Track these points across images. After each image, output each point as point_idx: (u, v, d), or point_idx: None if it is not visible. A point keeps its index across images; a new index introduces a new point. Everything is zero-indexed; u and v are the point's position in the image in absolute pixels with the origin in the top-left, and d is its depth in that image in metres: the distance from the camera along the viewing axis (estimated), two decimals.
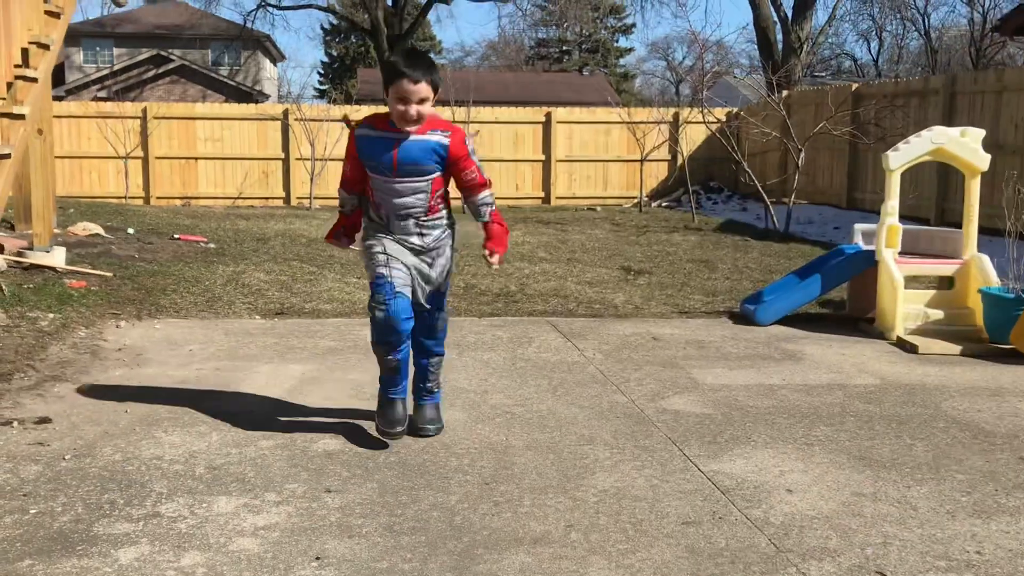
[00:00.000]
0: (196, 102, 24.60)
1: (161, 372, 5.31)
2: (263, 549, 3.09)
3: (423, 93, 3.69)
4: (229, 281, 8.22)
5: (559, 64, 57.09)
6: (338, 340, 6.24)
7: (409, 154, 3.83)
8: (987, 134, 7.18)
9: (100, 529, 3.21)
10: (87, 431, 4.25)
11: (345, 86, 39.05)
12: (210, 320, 6.81)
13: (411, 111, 3.71)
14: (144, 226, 11.76)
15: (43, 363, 5.35)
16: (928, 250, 7.23)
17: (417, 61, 3.72)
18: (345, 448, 4.09)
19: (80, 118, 18.44)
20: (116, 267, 8.27)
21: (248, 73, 42.52)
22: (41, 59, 7.00)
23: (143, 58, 36.56)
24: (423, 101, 3.71)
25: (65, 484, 3.62)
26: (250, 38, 38.02)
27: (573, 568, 3.00)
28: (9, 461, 3.84)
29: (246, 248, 10.55)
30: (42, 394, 4.80)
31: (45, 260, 7.74)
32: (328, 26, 52.02)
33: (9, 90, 6.25)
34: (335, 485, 3.65)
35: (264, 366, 5.49)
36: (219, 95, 35.20)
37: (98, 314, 6.65)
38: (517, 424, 4.46)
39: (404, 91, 3.67)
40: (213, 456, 3.96)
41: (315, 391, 5.00)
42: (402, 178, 3.83)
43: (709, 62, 22.76)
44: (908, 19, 39.38)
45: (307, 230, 12.77)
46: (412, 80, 3.66)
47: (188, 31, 38.68)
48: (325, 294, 7.89)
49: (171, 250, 9.89)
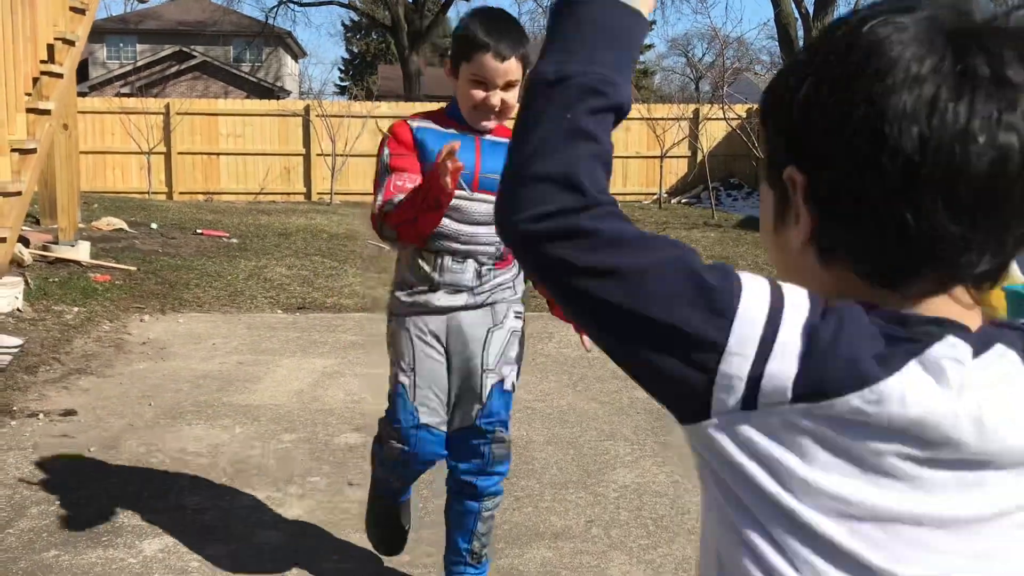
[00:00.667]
0: (218, 98, 24.74)
1: (184, 366, 5.35)
2: (286, 542, 3.11)
3: (512, 74, 2.50)
4: (251, 276, 8.27)
5: None
6: (359, 334, 6.26)
7: (498, 161, 2.40)
8: None
9: (125, 520, 3.25)
10: (112, 424, 4.29)
11: (366, 83, 39.14)
12: (232, 314, 6.85)
13: (493, 99, 2.50)
14: (167, 221, 11.84)
15: (68, 356, 5.40)
16: None
17: (505, 29, 2.53)
18: (366, 442, 4.10)
19: (104, 114, 18.56)
20: (140, 262, 8.34)
21: (269, 69, 42.71)
22: (66, 55, 7.05)
23: (166, 54, 36.79)
24: (510, 86, 2.51)
25: (90, 476, 3.65)
26: (271, 34, 38.16)
27: (594, 563, 3.00)
28: (35, 452, 3.88)
29: (268, 243, 10.60)
30: (67, 387, 4.85)
31: (70, 254, 7.81)
32: (349, 22, 52.18)
33: (35, 86, 6.31)
34: (357, 479, 3.66)
35: (286, 360, 5.52)
36: (241, 91, 35.37)
37: (122, 308, 6.71)
38: (538, 419, 4.47)
39: (486, 71, 2.48)
40: (236, 449, 3.99)
41: (336, 385, 5.03)
42: (485, 193, 2.52)
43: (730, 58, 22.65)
44: None
45: (328, 225, 12.81)
46: (498, 55, 2.48)
47: (210, 28, 38.89)
48: (347, 289, 7.92)
49: (194, 245, 9.96)
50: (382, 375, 5.20)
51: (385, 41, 46.11)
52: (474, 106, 2.51)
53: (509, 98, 2.51)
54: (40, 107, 6.16)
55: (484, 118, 2.53)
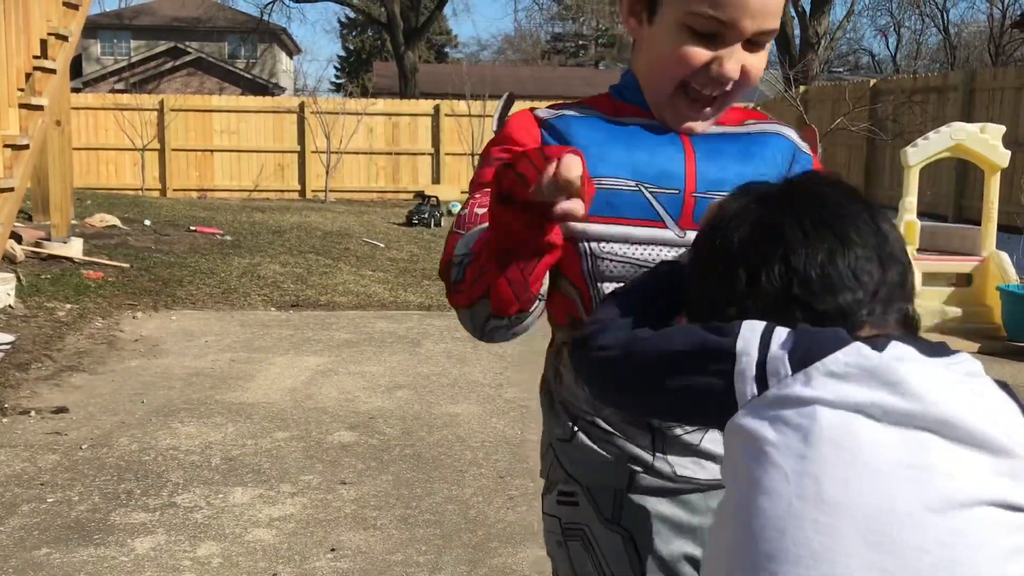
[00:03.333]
0: (212, 94, 24.68)
1: (177, 363, 5.33)
2: (278, 540, 3.10)
3: (771, 16, 1.19)
4: (245, 273, 8.24)
5: (575, 59, 57.00)
6: (353, 332, 6.25)
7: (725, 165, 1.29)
8: (1007, 131, 7.12)
9: (117, 518, 3.23)
10: (104, 421, 4.27)
11: (361, 80, 39.07)
12: (226, 312, 6.83)
13: (728, 65, 1.19)
14: (160, 218, 11.80)
15: (60, 353, 5.37)
16: (946, 247, 7.18)
17: None
18: (360, 440, 4.10)
19: (97, 110, 18.51)
20: (133, 258, 8.31)
21: (264, 66, 42.62)
22: (59, 50, 7.03)
23: (160, 50, 36.69)
24: (760, 41, 1.22)
25: (82, 473, 3.63)
26: (266, 31, 38.09)
27: None
28: (27, 450, 3.86)
29: (262, 240, 10.57)
30: (59, 384, 4.83)
31: (62, 251, 7.78)
32: (345, 19, 52.12)
33: (28, 81, 6.28)
34: (350, 477, 3.65)
35: (279, 358, 5.51)
36: (235, 88, 35.28)
37: (115, 305, 6.68)
38: (532, 418, 4.45)
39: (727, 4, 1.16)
40: (229, 447, 3.97)
41: (330, 383, 5.01)
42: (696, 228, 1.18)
43: None
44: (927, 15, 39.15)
45: (322, 223, 12.78)
46: None
47: (205, 24, 38.80)
48: (340, 287, 7.90)
49: (187, 242, 9.92)
50: (375, 373, 5.20)
51: (381, 38, 46.05)
52: (683, 81, 1.22)
53: (754, 63, 1.22)
54: (33, 103, 6.14)
55: (694, 109, 1.24)
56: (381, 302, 7.42)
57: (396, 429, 4.26)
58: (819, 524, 0.80)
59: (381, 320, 6.72)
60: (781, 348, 0.87)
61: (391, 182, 18.37)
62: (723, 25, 1.16)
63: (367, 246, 10.29)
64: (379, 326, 6.49)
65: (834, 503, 0.80)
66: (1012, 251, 7.05)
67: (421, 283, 8.33)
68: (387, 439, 4.12)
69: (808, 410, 0.83)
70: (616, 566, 1.25)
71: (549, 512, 1.33)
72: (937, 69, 35.64)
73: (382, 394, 4.80)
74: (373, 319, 6.71)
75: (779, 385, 0.86)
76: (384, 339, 6.09)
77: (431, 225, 12.69)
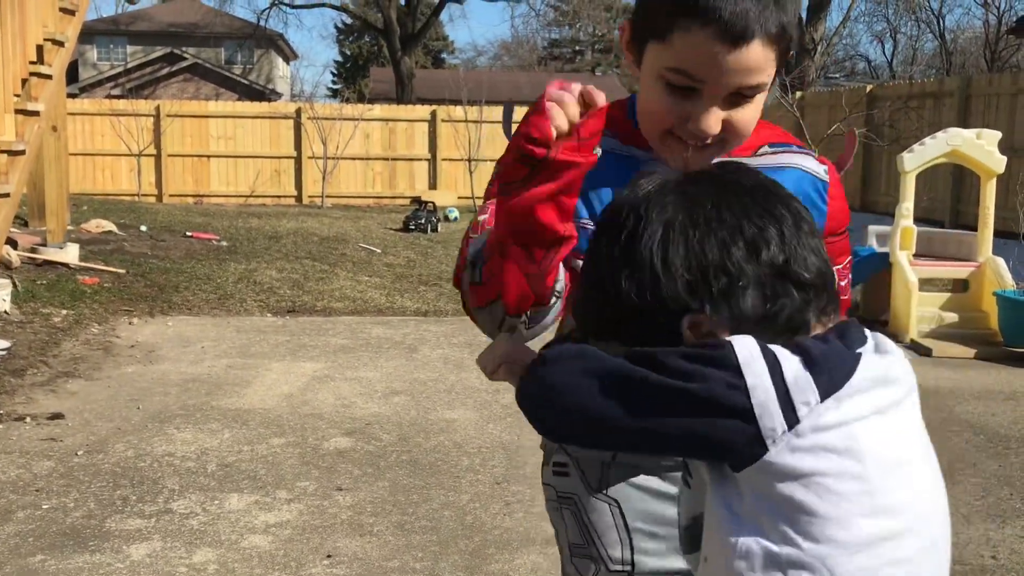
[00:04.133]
0: (209, 100, 24.69)
1: (173, 369, 5.32)
2: (274, 547, 3.09)
3: (756, 71, 1.15)
4: (241, 279, 8.23)
5: (572, 64, 57.09)
6: (349, 338, 6.24)
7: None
8: (1002, 136, 7.13)
9: (112, 525, 3.22)
10: (99, 427, 4.25)
11: (358, 85, 39.11)
12: (222, 317, 6.82)
13: (706, 122, 1.17)
14: (157, 223, 11.78)
15: (56, 359, 5.36)
16: (943, 252, 7.19)
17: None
18: (356, 446, 4.09)
19: (94, 115, 18.49)
20: (129, 264, 8.29)
21: (261, 72, 42.64)
22: (56, 56, 7.02)
23: (157, 56, 36.70)
24: (747, 95, 1.18)
25: (77, 480, 3.62)
26: (263, 37, 38.09)
27: None
28: (22, 456, 3.85)
29: (258, 246, 10.56)
30: (55, 390, 4.81)
31: (58, 256, 7.77)
32: (341, 25, 52.16)
33: (24, 87, 6.27)
34: (346, 483, 3.64)
35: (275, 364, 5.50)
36: (232, 93, 35.29)
37: (111, 311, 6.67)
38: (528, 424, 4.45)
39: (698, 61, 1.14)
40: (225, 453, 3.96)
41: (326, 389, 5.00)
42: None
43: None
44: (923, 21, 39.24)
45: (319, 228, 12.77)
46: (729, 32, 1.11)
47: (202, 29, 38.80)
48: (337, 292, 7.89)
49: (183, 247, 9.91)
50: (371, 379, 5.19)
51: (377, 44, 46.07)
52: (665, 129, 1.21)
53: (742, 117, 1.19)
54: (29, 108, 6.13)
55: (688, 149, 1.21)
56: (377, 308, 7.41)
57: (392, 435, 4.25)
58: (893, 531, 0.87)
59: (377, 326, 6.71)
60: (803, 373, 0.85)
61: (388, 188, 18.37)
62: (700, 82, 1.15)
63: (363, 252, 10.28)
64: (375, 332, 6.48)
65: (901, 508, 0.88)
66: (1008, 256, 7.06)
67: (418, 289, 8.32)
68: (383, 445, 4.11)
69: (847, 430, 0.86)
70: (604, 532, 1.33)
71: (546, 482, 1.41)
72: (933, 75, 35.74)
73: (378, 400, 4.79)
74: (369, 325, 6.70)
75: (811, 415, 0.85)
76: (380, 345, 6.08)
77: (428, 231, 12.67)
